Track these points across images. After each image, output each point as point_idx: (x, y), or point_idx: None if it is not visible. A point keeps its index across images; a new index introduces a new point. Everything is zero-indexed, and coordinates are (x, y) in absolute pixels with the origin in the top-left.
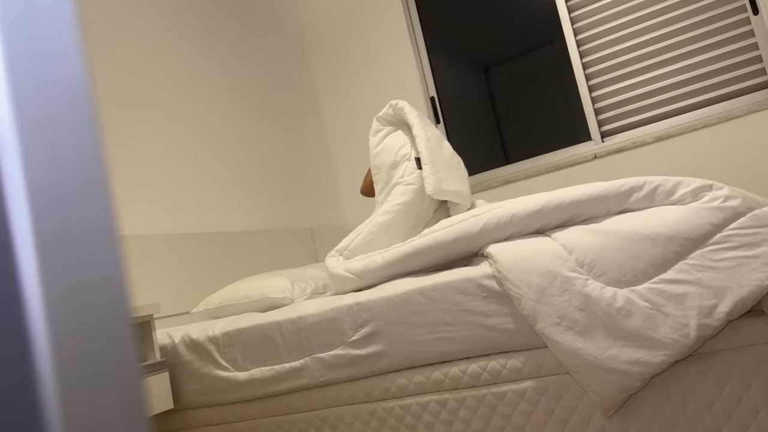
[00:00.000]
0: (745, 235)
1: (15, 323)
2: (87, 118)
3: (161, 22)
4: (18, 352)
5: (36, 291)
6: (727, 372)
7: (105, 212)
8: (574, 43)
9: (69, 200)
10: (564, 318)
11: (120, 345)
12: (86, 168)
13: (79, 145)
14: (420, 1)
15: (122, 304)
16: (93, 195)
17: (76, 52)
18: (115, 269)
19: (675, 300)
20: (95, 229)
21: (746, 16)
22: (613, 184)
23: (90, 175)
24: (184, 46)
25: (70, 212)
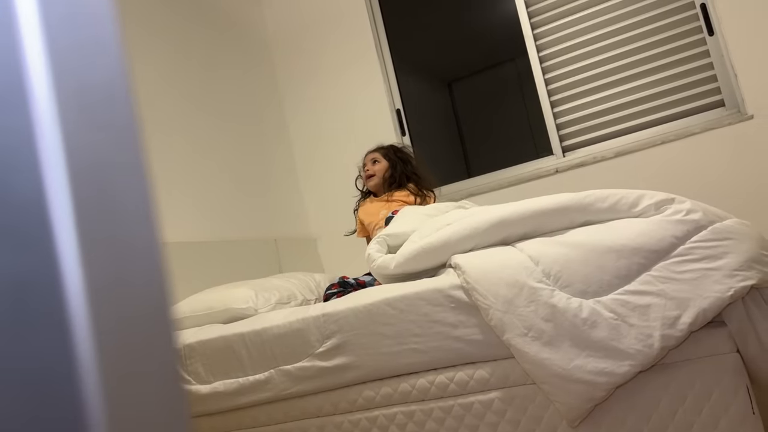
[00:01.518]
0: (707, 247)
1: (55, 303)
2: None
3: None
4: (59, 336)
5: (77, 275)
6: (689, 382)
7: (144, 186)
8: (537, 59)
9: (110, 173)
10: (531, 329)
11: (162, 335)
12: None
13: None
14: (387, 16)
15: (163, 296)
16: (133, 168)
17: (114, 41)
18: (155, 250)
19: (639, 311)
20: (136, 205)
21: (702, 36)
22: (577, 195)
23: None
24: (147, 54)
25: (111, 186)
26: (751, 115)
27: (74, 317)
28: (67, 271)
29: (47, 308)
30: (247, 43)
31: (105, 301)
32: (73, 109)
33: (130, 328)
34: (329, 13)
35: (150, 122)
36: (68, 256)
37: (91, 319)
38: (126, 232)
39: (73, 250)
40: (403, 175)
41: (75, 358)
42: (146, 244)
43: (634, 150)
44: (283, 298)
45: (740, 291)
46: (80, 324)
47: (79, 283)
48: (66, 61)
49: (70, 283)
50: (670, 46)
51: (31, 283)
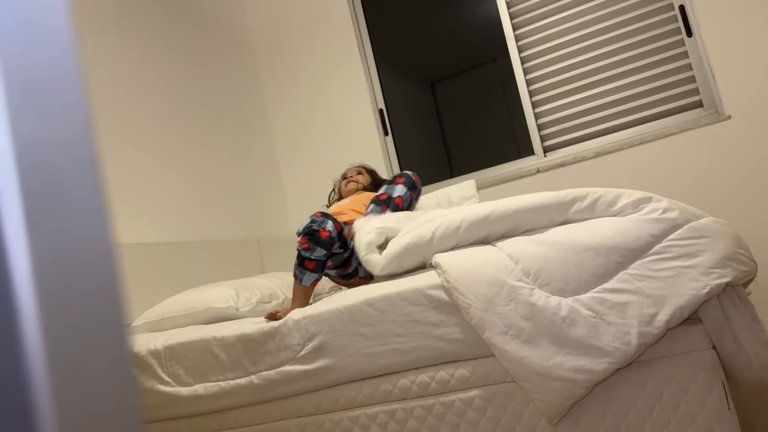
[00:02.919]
0: (683, 246)
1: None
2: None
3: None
4: (7, 333)
5: (26, 273)
6: (666, 378)
7: (95, 182)
8: (518, 60)
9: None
10: (511, 327)
11: (113, 332)
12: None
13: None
14: (369, 17)
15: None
16: (83, 164)
17: (64, 34)
18: (106, 242)
19: (617, 309)
20: (86, 201)
21: (681, 38)
22: (557, 194)
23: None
24: (129, 55)
25: (58, 176)
26: (729, 115)
27: (22, 312)
28: (15, 267)
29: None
30: (229, 42)
31: (53, 299)
32: (19, 103)
33: (78, 325)
34: (312, 14)
35: (132, 122)
36: (16, 251)
37: (39, 315)
38: (75, 228)
39: (22, 246)
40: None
41: (23, 356)
42: (95, 239)
43: (613, 150)
44: (264, 297)
45: (716, 288)
46: (28, 320)
47: (28, 281)
48: (12, 54)
49: (18, 280)
50: (649, 47)
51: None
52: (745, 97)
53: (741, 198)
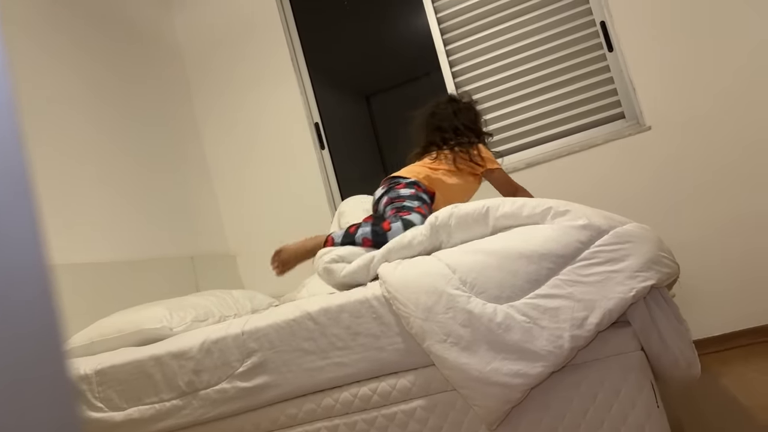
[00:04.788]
0: (609, 251)
1: None
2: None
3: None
4: None
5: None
6: (599, 380)
7: (29, 203)
8: (450, 74)
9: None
10: (450, 334)
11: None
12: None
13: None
14: (302, 31)
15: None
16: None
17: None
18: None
19: (550, 313)
20: (20, 223)
21: (603, 53)
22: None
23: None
24: (58, 68)
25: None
26: (649, 126)
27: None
28: None
29: None
30: (159, 56)
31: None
32: None
33: (13, 350)
34: (243, 28)
35: (57, 137)
36: None
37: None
38: (8, 253)
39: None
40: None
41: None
42: (31, 262)
43: (543, 161)
44: (199, 315)
45: (642, 291)
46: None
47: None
48: None
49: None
50: (573, 61)
51: None
52: (663, 109)
53: (661, 204)
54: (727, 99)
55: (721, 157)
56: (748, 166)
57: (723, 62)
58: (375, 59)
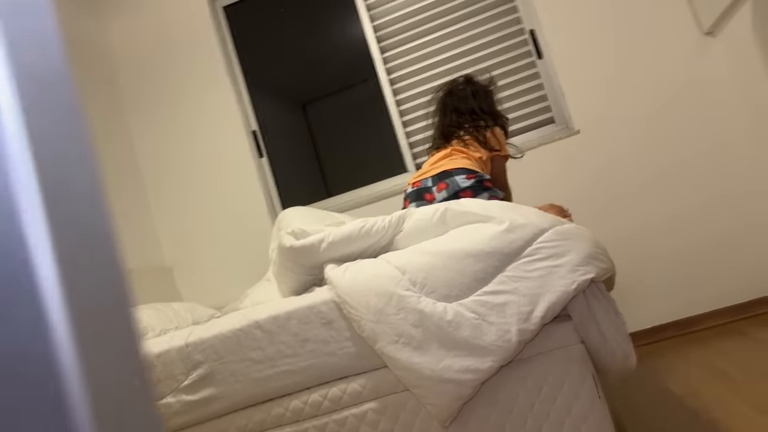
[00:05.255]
0: (551, 247)
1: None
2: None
3: None
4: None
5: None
6: (543, 374)
7: (95, 171)
8: (387, 81)
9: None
10: (401, 335)
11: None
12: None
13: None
14: (237, 39)
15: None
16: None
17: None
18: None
19: (497, 309)
20: (91, 191)
21: (533, 60)
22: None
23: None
24: None
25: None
26: (578, 130)
27: (48, 302)
28: (40, 261)
29: (22, 296)
30: (89, 63)
31: (73, 286)
32: (29, 99)
33: (97, 313)
34: (177, 36)
35: None
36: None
37: (64, 303)
38: (84, 218)
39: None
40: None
41: (49, 336)
42: (102, 229)
43: None
44: (143, 329)
45: (582, 284)
46: (55, 308)
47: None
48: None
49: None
50: (506, 68)
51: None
52: (591, 113)
53: (592, 205)
54: (650, 103)
55: (647, 159)
56: (674, 167)
57: (647, 68)
58: (311, 67)
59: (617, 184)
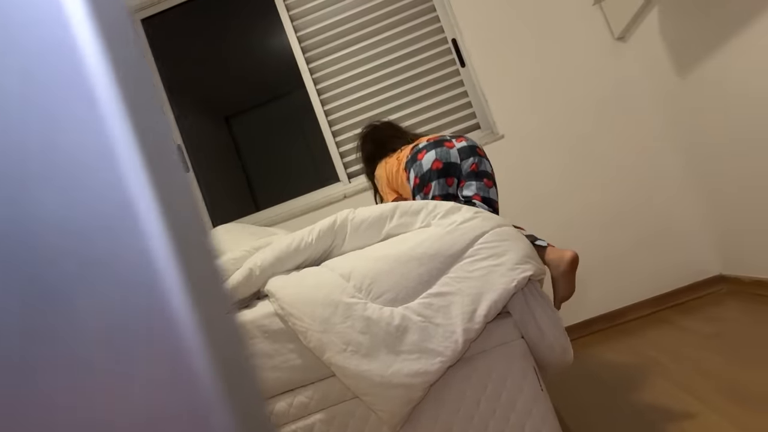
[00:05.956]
0: (491, 247)
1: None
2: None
3: None
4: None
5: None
6: (487, 371)
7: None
8: (315, 92)
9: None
10: (349, 343)
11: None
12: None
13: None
14: (157, 51)
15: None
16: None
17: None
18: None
19: (443, 311)
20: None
21: (456, 68)
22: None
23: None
24: None
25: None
26: (502, 135)
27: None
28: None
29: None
30: None
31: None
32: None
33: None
34: None
35: None
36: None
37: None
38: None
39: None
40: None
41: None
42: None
43: None
44: None
45: (521, 282)
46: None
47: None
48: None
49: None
50: (431, 76)
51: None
52: (514, 118)
53: (520, 207)
54: (570, 106)
55: (569, 159)
56: (596, 166)
57: (564, 73)
58: (235, 79)
59: (542, 184)
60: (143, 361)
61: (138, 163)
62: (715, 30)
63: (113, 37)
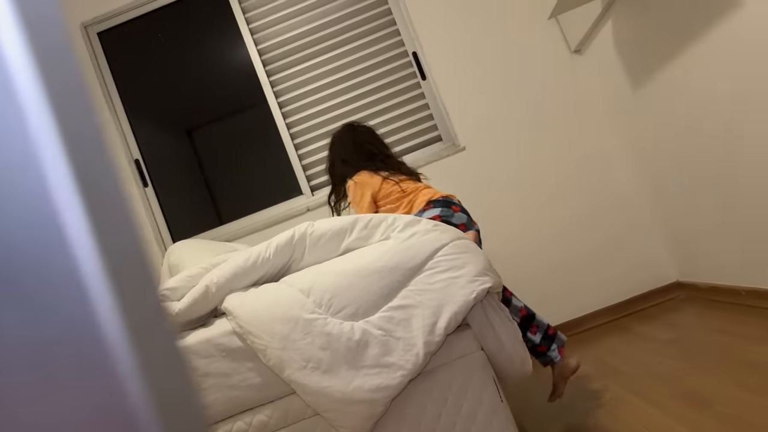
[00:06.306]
0: (451, 260)
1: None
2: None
3: None
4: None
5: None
6: (448, 384)
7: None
8: (276, 105)
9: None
10: (309, 360)
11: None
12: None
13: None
14: (114, 65)
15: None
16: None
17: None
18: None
19: (403, 324)
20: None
21: (417, 81)
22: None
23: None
24: None
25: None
26: (464, 146)
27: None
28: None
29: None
30: None
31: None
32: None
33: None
34: None
35: None
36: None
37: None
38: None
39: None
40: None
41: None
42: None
43: None
44: None
45: (481, 293)
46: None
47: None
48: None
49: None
50: (393, 89)
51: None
52: (474, 130)
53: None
54: (529, 117)
55: (529, 170)
56: (554, 177)
57: (524, 85)
58: (196, 93)
59: (502, 194)
60: (70, 377)
61: (64, 167)
62: (666, 43)
63: (41, 39)
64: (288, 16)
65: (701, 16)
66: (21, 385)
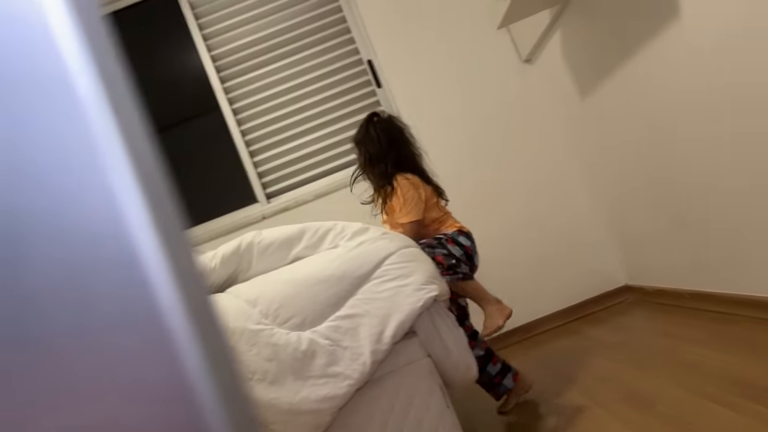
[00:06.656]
0: (398, 268)
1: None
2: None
3: None
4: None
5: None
6: (395, 391)
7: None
8: (230, 112)
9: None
10: (255, 372)
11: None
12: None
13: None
14: None
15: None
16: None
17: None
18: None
19: (350, 333)
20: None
21: (373, 89)
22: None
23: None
24: None
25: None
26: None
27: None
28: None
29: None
30: None
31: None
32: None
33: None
34: None
35: None
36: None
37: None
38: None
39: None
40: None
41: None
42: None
43: (330, 191)
44: None
45: (427, 301)
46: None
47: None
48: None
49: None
50: (348, 96)
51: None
52: (430, 138)
53: None
54: (482, 124)
55: (482, 177)
56: (507, 183)
57: (477, 92)
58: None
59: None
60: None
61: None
62: (612, 52)
63: (91, 35)
64: (242, 23)
65: (643, 26)
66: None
